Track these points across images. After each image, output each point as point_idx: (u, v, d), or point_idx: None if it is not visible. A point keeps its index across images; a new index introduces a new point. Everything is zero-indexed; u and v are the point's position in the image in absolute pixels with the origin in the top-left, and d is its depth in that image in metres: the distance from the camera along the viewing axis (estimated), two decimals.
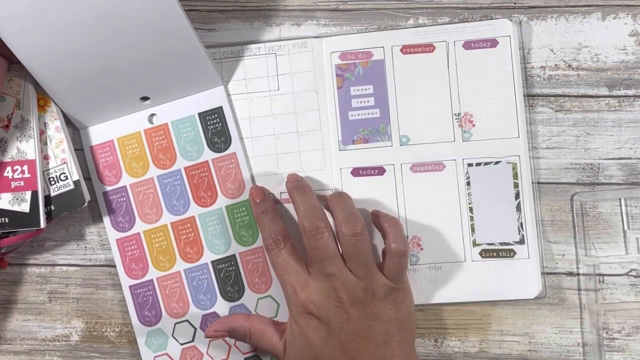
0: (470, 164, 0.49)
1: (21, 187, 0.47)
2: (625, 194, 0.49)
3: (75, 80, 0.47)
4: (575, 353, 0.49)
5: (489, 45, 0.49)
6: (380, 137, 0.50)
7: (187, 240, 0.50)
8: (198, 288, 0.50)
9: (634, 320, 0.49)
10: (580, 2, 0.50)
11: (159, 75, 0.48)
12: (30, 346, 0.52)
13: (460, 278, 0.48)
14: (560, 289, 0.49)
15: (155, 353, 0.50)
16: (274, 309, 0.50)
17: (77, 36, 0.43)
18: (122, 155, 0.51)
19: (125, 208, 0.51)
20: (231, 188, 0.50)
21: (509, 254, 0.48)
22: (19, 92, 0.48)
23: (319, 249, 0.43)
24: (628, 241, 0.49)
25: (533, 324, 0.49)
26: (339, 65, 0.50)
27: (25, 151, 0.48)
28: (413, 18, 0.50)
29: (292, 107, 0.50)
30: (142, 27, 0.43)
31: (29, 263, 0.52)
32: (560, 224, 0.49)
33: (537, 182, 0.49)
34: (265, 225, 0.46)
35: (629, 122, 0.49)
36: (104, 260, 0.52)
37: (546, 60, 0.50)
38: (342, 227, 0.43)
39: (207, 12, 0.51)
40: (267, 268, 0.50)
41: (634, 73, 0.49)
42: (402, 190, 0.49)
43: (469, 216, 0.49)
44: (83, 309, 0.52)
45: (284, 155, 0.50)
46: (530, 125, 0.49)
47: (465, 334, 0.49)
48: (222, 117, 0.50)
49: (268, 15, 0.51)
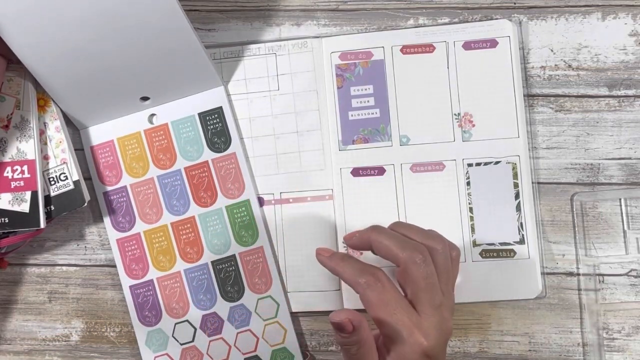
0: (470, 164, 0.49)
1: (21, 187, 0.47)
2: (625, 194, 0.49)
3: (75, 80, 0.47)
4: (575, 353, 0.49)
5: (489, 45, 0.49)
6: (380, 137, 0.50)
7: (187, 241, 0.50)
8: (198, 288, 0.50)
9: (634, 320, 0.48)
10: (580, 2, 0.50)
11: (159, 75, 0.48)
12: (30, 346, 0.52)
13: (460, 278, 0.48)
14: (560, 289, 0.49)
15: (155, 353, 0.50)
16: (274, 310, 0.50)
17: (78, 36, 0.43)
18: (122, 156, 0.51)
19: (126, 208, 0.51)
20: (231, 188, 0.50)
21: (509, 254, 0.48)
22: (19, 92, 0.48)
23: (430, 276, 0.39)
24: (628, 241, 0.49)
25: (533, 324, 0.49)
26: (339, 65, 0.50)
27: (25, 151, 0.48)
28: (413, 18, 0.50)
29: (292, 107, 0.50)
30: (142, 27, 0.43)
31: (29, 263, 0.52)
32: (560, 224, 0.49)
33: (537, 182, 0.49)
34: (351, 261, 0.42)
35: (629, 122, 0.49)
36: (104, 260, 0.52)
37: (546, 60, 0.50)
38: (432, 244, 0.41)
39: (207, 12, 0.51)
40: (267, 268, 0.50)
41: (634, 73, 0.49)
42: (402, 190, 0.49)
43: (469, 216, 0.49)
44: (83, 309, 0.52)
45: (284, 155, 0.50)
46: (530, 125, 0.49)
47: (465, 334, 0.49)
48: (222, 117, 0.50)
49: (268, 15, 0.51)
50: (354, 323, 0.38)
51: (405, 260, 0.40)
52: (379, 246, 0.42)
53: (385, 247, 0.42)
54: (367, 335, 0.39)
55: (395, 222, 0.45)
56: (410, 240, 0.41)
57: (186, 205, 0.50)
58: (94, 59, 0.45)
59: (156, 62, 0.46)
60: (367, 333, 0.39)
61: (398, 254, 0.41)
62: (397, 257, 0.41)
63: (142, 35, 0.44)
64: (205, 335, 0.50)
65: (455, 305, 0.49)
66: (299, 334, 0.50)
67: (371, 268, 0.41)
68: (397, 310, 0.39)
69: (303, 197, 0.50)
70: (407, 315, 0.39)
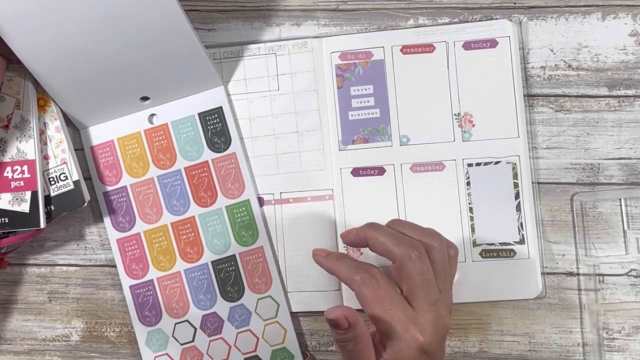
0: (470, 164, 0.49)
1: (21, 187, 0.47)
2: (625, 194, 0.49)
3: (75, 80, 0.47)
4: (575, 353, 0.49)
5: (489, 45, 0.49)
6: (380, 137, 0.50)
7: (187, 241, 0.50)
8: (198, 288, 0.50)
9: (634, 320, 0.49)
10: (580, 2, 0.50)
11: (159, 75, 0.48)
12: (30, 346, 0.52)
13: (460, 278, 0.48)
14: (560, 289, 0.49)
15: (155, 353, 0.50)
16: (274, 309, 0.50)
17: (78, 36, 0.43)
18: (122, 156, 0.51)
19: (126, 208, 0.51)
20: (231, 188, 0.50)
21: (509, 254, 0.48)
22: (19, 92, 0.48)
23: (426, 272, 0.40)
24: (628, 241, 0.49)
25: (533, 324, 0.49)
26: (339, 65, 0.50)
27: (25, 151, 0.48)
28: (413, 18, 0.50)
29: (292, 107, 0.50)
30: (142, 27, 0.43)
31: (29, 263, 0.52)
32: (560, 224, 0.49)
33: (537, 182, 0.49)
34: (347, 260, 0.42)
35: (629, 122, 0.49)
36: (104, 260, 0.52)
37: (546, 60, 0.50)
38: (429, 241, 0.41)
39: (207, 12, 0.51)
40: (267, 268, 0.50)
41: (634, 73, 0.49)
42: (402, 190, 0.49)
43: (469, 216, 0.49)
44: (83, 309, 0.52)
45: (284, 155, 0.50)
46: (530, 125, 0.49)
47: (465, 334, 0.49)
48: (222, 117, 0.50)
49: (268, 15, 0.51)
50: (350, 320, 0.38)
51: (401, 256, 0.40)
52: (374, 243, 0.42)
53: (381, 244, 0.41)
54: (363, 332, 0.39)
55: (393, 220, 0.45)
56: (406, 237, 0.41)
57: (186, 205, 0.50)
58: (93, 59, 0.45)
59: (156, 62, 0.46)
60: (363, 329, 0.39)
61: (394, 250, 0.41)
62: (393, 253, 0.41)
63: (142, 36, 0.44)
64: (205, 335, 0.50)
65: (455, 305, 0.49)
66: (299, 334, 0.50)
67: (366, 265, 0.41)
68: (392, 306, 0.39)
69: (303, 197, 0.50)
70: (402, 311, 0.39)
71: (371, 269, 0.41)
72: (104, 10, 0.42)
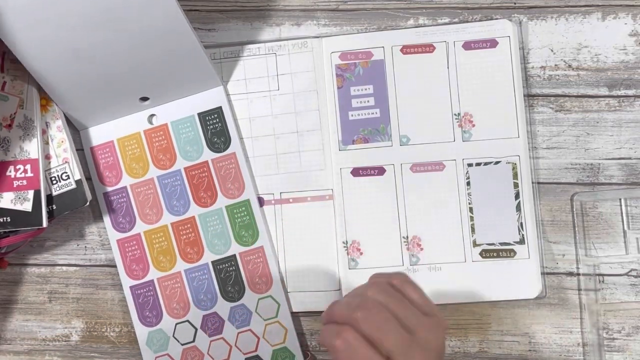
0: (470, 164, 0.49)
1: (23, 186, 0.47)
2: (625, 194, 0.49)
3: (75, 81, 0.47)
4: (575, 353, 0.49)
5: (489, 45, 0.49)
6: (380, 137, 0.50)
7: (188, 241, 0.50)
8: (198, 288, 0.50)
9: (634, 320, 0.48)
10: (580, 2, 0.50)
11: (158, 76, 0.48)
12: (30, 346, 0.52)
13: (460, 278, 0.48)
14: (560, 289, 0.49)
15: (156, 353, 0.50)
16: (275, 309, 0.50)
17: (77, 37, 0.43)
18: (122, 156, 0.51)
19: (126, 208, 0.51)
20: (231, 188, 0.50)
21: (509, 254, 0.48)
22: (22, 91, 0.48)
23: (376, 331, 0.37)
24: (628, 241, 0.49)
25: (533, 324, 0.49)
26: (339, 65, 0.50)
27: (28, 150, 0.48)
28: (413, 18, 0.50)
29: (292, 107, 0.50)
30: (142, 28, 0.43)
31: (29, 263, 0.52)
32: (560, 224, 0.49)
33: (537, 182, 0.49)
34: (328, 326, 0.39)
35: (629, 122, 0.49)
36: (104, 260, 0.52)
37: (546, 60, 0.50)
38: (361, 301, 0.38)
39: (207, 12, 0.51)
40: (267, 268, 0.50)
41: (634, 73, 0.49)
42: (402, 190, 0.49)
43: (469, 216, 0.49)
44: (83, 309, 0.52)
45: (284, 155, 0.50)
46: (530, 125, 0.49)
47: (465, 334, 0.49)
48: (221, 117, 0.50)
49: (268, 15, 0.51)
50: None
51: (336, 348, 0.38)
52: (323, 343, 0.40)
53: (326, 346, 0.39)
54: None
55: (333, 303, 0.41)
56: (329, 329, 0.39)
57: (186, 206, 0.50)
58: (93, 59, 0.45)
59: (156, 62, 0.46)
60: None
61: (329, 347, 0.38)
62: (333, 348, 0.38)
63: (141, 36, 0.44)
64: (206, 335, 0.50)
65: (455, 305, 0.49)
66: (300, 333, 0.50)
67: (341, 330, 0.38)
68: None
69: (303, 197, 0.50)
70: None
71: (345, 333, 0.38)
72: (103, 12, 0.42)
